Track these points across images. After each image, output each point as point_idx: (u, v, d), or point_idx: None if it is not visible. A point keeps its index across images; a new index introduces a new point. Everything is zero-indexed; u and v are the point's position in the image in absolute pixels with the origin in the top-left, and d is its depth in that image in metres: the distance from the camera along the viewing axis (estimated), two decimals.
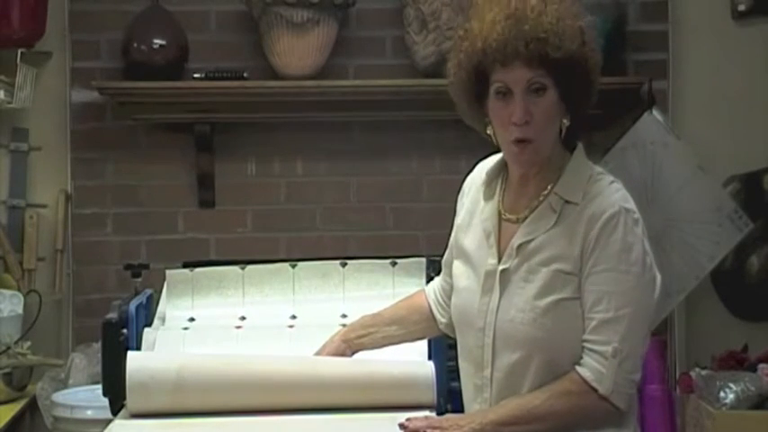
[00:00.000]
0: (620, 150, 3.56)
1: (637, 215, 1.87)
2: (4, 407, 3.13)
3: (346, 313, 2.27)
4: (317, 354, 2.12)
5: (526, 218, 1.93)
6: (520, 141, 1.87)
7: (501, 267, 1.92)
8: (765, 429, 3.11)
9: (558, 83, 1.85)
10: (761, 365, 3.28)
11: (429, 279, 2.28)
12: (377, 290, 2.35)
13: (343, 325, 2.22)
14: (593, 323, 1.83)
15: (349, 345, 2.12)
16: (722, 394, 3.16)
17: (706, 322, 3.68)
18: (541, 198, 1.92)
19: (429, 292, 2.19)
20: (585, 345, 1.83)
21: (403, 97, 3.56)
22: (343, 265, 2.40)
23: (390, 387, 2.00)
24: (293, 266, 2.40)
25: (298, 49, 3.46)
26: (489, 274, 1.94)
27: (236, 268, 2.39)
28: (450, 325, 2.08)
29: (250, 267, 2.40)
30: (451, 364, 2.14)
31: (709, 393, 3.20)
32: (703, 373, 3.29)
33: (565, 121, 1.89)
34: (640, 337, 1.86)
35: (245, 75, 3.51)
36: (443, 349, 2.20)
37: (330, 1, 3.43)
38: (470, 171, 2.11)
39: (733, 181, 3.63)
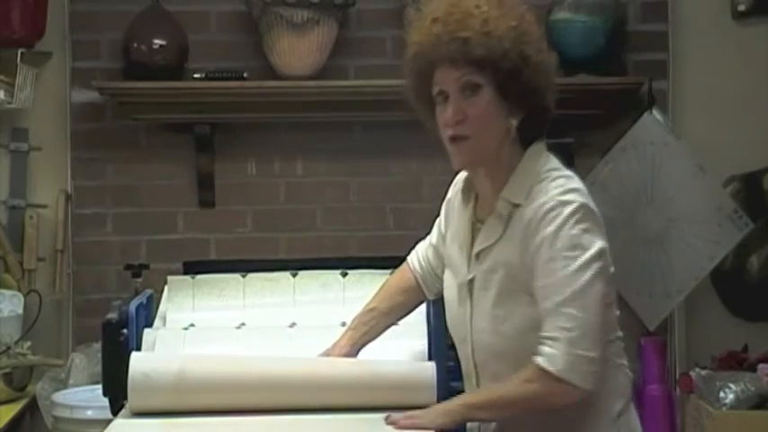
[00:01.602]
0: (620, 150, 3.56)
1: (577, 204, 1.82)
2: (4, 407, 3.13)
3: (346, 321, 2.27)
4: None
5: (484, 224, 1.93)
6: (454, 139, 1.89)
7: (468, 277, 1.93)
8: (765, 429, 3.11)
9: (493, 81, 1.85)
10: (761, 365, 3.28)
11: None
12: None
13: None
14: (545, 318, 1.81)
15: (355, 345, 2.13)
16: (722, 394, 3.16)
17: (706, 322, 3.68)
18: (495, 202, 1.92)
19: (415, 267, 2.19)
20: (540, 338, 1.81)
21: (403, 97, 3.54)
22: (344, 274, 2.41)
23: (391, 388, 2.00)
24: (294, 275, 2.41)
25: (298, 49, 3.46)
26: (462, 285, 1.95)
27: (236, 276, 2.40)
28: (440, 299, 2.11)
29: (251, 275, 2.41)
30: (451, 364, 2.14)
31: (709, 393, 3.20)
32: (703, 373, 3.30)
33: (513, 120, 1.87)
34: (591, 316, 1.80)
35: (245, 75, 3.51)
36: (443, 349, 2.20)
37: (330, 1, 3.43)
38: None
39: (733, 181, 3.63)
